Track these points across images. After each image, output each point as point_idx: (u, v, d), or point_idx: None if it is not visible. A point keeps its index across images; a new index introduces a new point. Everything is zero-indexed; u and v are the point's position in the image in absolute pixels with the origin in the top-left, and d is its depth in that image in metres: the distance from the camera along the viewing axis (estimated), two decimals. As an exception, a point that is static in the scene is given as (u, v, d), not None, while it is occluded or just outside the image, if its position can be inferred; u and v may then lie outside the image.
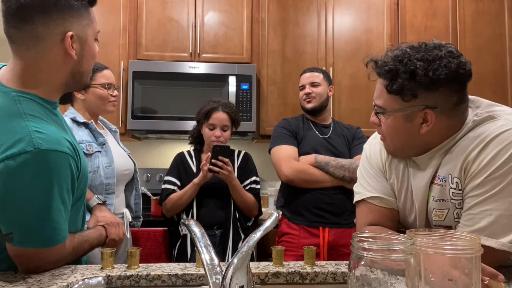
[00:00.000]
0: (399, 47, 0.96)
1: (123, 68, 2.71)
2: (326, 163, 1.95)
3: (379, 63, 0.96)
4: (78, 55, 0.93)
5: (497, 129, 0.89)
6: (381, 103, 0.98)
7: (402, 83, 0.90)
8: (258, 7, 2.87)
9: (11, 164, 0.81)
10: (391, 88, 0.93)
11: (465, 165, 0.92)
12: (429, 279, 0.64)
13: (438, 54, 0.90)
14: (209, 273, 0.65)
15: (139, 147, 3.07)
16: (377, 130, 1.07)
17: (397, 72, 0.91)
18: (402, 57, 0.92)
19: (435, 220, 0.99)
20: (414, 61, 0.90)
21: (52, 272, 0.89)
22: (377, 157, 1.12)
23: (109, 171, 1.59)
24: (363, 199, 1.10)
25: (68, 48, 0.90)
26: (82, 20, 0.92)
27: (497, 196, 0.86)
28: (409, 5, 2.91)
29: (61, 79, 0.94)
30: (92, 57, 0.97)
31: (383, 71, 0.94)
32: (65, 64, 0.92)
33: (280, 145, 2.03)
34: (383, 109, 0.98)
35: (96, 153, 1.57)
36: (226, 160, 1.80)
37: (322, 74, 2.13)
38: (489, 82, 2.86)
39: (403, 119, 0.95)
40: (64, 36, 0.89)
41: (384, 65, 0.94)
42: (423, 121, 0.93)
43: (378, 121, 1.02)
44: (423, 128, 0.94)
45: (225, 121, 1.93)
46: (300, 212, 1.97)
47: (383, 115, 0.99)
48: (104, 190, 1.55)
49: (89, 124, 1.63)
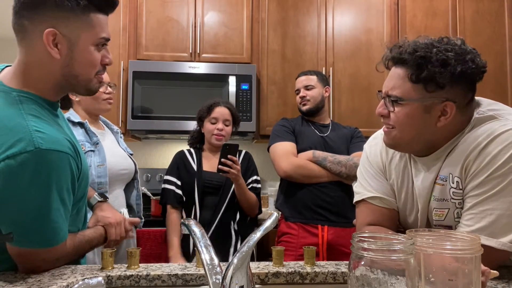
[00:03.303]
0: (427, 38, 0.93)
1: (123, 68, 2.71)
2: (324, 158, 1.97)
3: (406, 49, 0.92)
4: (65, 56, 0.90)
5: (499, 129, 0.89)
6: (398, 93, 0.94)
7: (433, 71, 0.88)
8: (258, 7, 2.87)
9: (11, 163, 0.81)
10: (419, 76, 0.89)
11: (465, 164, 0.92)
12: (429, 279, 0.64)
13: (466, 49, 0.90)
14: (209, 273, 0.65)
15: (139, 147, 3.07)
16: (383, 121, 1.01)
17: (430, 60, 0.88)
18: (431, 46, 0.90)
19: (435, 220, 0.99)
20: (443, 52, 0.88)
21: (52, 272, 0.89)
22: (377, 157, 1.11)
23: (101, 170, 1.59)
24: (363, 199, 1.10)
25: (46, 44, 0.88)
26: (74, 22, 0.89)
27: (497, 196, 0.86)
28: (409, 5, 2.91)
29: (53, 79, 0.93)
30: (89, 63, 0.93)
31: (413, 58, 0.90)
32: (52, 64, 0.91)
33: (278, 141, 2.06)
34: (400, 98, 0.94)
35: (89, 153, 1.57)
36: (235, 159, 1.80)
37: (317, 76, 2.16)
38: (489, 82, 2.86)
39: (422, 109, 0.92)
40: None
41: (414, 52, 0.90)
42: (441, 114, 0.92)
43: (387, 112, 0.98)
44: (441, 121, 0.92)
45: (226, 116, 1.96)
46: (299, 210, 1.99)
47: (399, 104, 0.94)
48: (97, 189, 1.55)
49: (84, 124, 1.63)
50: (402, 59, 0.93)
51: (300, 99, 2.14)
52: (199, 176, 1.91)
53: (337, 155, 2.00)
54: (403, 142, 0.99)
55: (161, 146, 3.15)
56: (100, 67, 0.96)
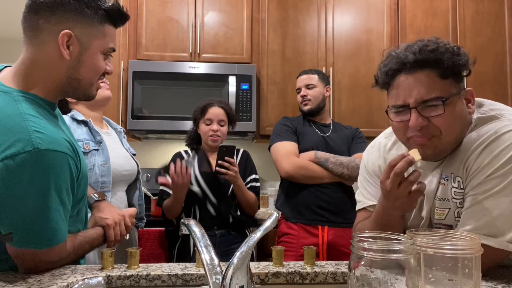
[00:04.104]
0: (417, 41, 0.94)
1: (123, 68, 2.71)
2: (326, 159, 1.97)
3: (429, 48, 0.90)
4: (75, 59, 0.93)
5: (500, 129, 0.89)
6: (438, 94, 0.89)
7: (457, 61, 0.88)
8: (258, 7, 2.87)
9: (10, 163, 0.81)
10: (450, 70, 0.89)
11: (467, 164, 0.92)
12: (429, 279, 0.64)
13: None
14: (209, 273, 0.65)
15: (139, 147, 3.06)
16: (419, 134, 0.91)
17: (450, 52, 0.89)
18: (438, 41, 0.91)
19: (436, 219, 0.99)
20: (445, 44, 0.91)
21: (52, 272, 0.89)
22: (375, 165, 1.13)
23: (104, 169, 1.58)
24: (364, 207, 1.13)
25: (60, 44, 0.91)
26: (89, 28, 0.93)
27: (497, 195, 0.86)
28: (409, 5, 2.91)
29: (57, 80, 0.94)
30: (95, 69, 0.97)
31: (438, 54, 0.89)
32: (59, 64, 0.93)
33: (280, 141, 2.05)
34: (443, 97, 0.88)
35: (93, 151, 1.57)
36: (233, 161, 1.80)
37: (318, 75, 2.15)
38: (489, 82, 2.86)
39: (461, 102, 0.92)
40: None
41: (440, 47, 0.89)
42: (467, 101, 0.94)
43: (426, 121, 0.90)
44: (470, 108, 0.94)
45: (221, 116, 1.95)
46: (299, 210, 1.98)
47: (445, 104, 0.88)
48: (100, 188, 1.55)
49: (88, 123, 1.63)
50: (426, 61, 0.90)
51: (301, 98, 2.13)
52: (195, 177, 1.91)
53: (339, 156, 1.99)
54: (447, 146, 0.94)
55: (161, 146, 3.15)
56: (101, 75, 1.01)
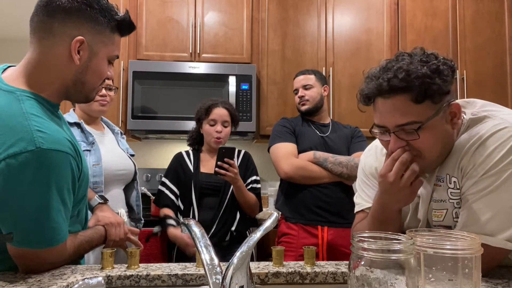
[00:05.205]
0: (397, 58, 0.92)
1: (123, 68, 2.71)
2: (325, 159, 1.97)
3: (399, 76, 0.88)
4: (83, 63, 0.95)
5: (493, 128, 0.90)
6: (412, 118, 0.89)
7: (437, 83, 0.87)
8: (258, 7, 2.87)
9: (12, 163, 0.81)
10: (425, 94, 0.87)
11: (461, 164, 0.92)
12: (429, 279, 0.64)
13: (437, 58, 0.91)
14: (209, 273, 0.65)
15: (139, 147, 3.06)
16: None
17: (429, 76, 0.86)
18: (420, 61, 0.89)
19: (435, 221, 0.99)
20: (426, 62, 0.88)
21: (52, 272, 0.89)
22: (372, 167, 1.14)
23: (96, 169, 1.59)
24: (363, 209, 1.14)
25: (72, 49, 0.92)
26: (100, 36, 0.96)
27: (493, 194, 0.86)
28: (409, 5, 2.91)
29: (63, 82, 0.96)
30: (98, 74, 1.00)
31: (411, 80, 0.87)
32: (67, 68, 0.94)
33: (279, 142, 2.05)
34: (419, 122, 0.88)
35: (85, 152, 1.57)
36: (232, 162, 1.80)
37: (315, 76, 2.15)
38: (489, 82, 2.86)
39: (440, 122, 0.91)
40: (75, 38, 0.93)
41: (411, 74, 0.87)
42: (452, 116, 0.92)
43: (404, 143, 0.91)
44: (455, 122, 0.93)
45: (225, 117, 1.95)
46: (299, 211, 1.98)
47: (421, 129, 0.88)
48: (92, 188, 1.55)
49: (80, 124, 1.64)
50: (399, 87, 0.88)
51: (299, 99, 2.13)
52: (196, 178, 1.91)
53: (338, 156, 1.99)
54: (432, 163, 0.96)
55: (161, 146, 3.15)
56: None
